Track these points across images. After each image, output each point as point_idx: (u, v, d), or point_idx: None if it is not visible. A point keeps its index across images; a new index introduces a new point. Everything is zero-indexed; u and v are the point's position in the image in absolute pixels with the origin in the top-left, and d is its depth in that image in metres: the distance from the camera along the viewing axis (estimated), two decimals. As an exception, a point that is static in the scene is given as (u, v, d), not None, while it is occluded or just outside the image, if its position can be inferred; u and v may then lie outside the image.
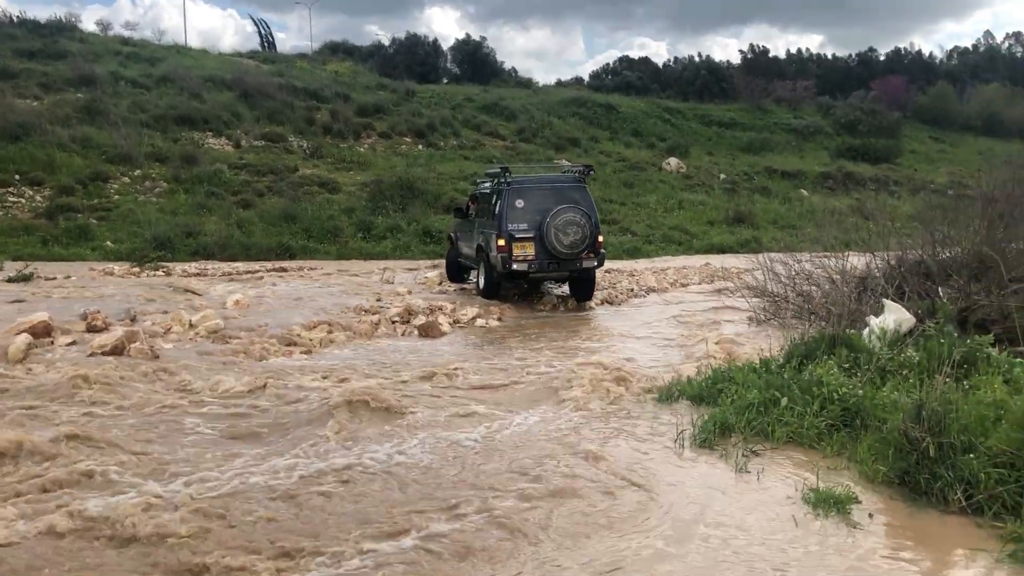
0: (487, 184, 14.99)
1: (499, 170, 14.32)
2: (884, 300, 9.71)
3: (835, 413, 6.63)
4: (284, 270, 18.31)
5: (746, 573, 4.57)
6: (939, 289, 10.31)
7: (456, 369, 9.25)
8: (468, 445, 6.65)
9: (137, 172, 25.35)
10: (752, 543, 4.93)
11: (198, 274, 17.07)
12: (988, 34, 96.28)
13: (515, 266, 13.40)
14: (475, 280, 16.11)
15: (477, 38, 70.16)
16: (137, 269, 17.23)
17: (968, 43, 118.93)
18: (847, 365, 7.50)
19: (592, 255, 13.74)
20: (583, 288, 14.49)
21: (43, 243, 19.59)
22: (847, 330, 8.82)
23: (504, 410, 7.69)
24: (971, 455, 5.37)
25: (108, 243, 20.22)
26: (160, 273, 16.93)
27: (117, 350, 9.56)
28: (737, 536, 5.02)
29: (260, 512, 5.13)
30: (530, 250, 13.42)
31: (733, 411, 6.93)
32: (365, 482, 5.76)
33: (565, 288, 15.11)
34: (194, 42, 56.05)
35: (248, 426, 6.94)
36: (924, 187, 37.85)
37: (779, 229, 28.67)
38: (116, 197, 23.48)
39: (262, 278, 16.64)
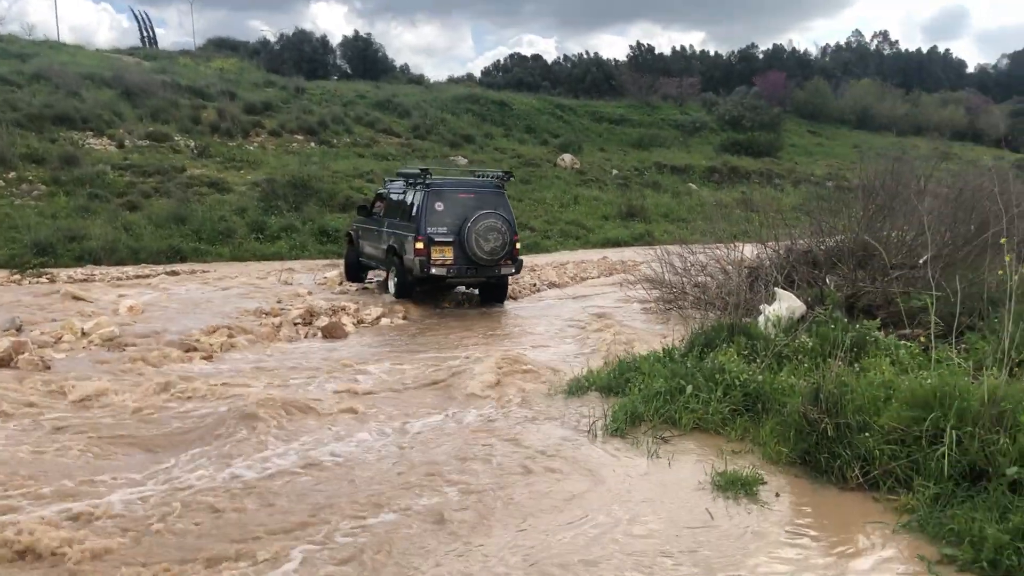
0: (399, 184, 14.73)
1: (416, 171, 14.05)
2: (776, 289, 10.16)
3: (737, 399, 6.92)
4: (176, 273, 17.72)
5: (665, 551, 4.74)
6: (826, 277, 10.84)
7: (365, 368, 9.21)
8: (393, 443, 6.67)
9: (12, 174, 24.02)
10: (668, 525, 5.11)
11: (85, 280, 16.33)
12: (858, 32, 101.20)
13: (433, 270, 13.17)
14: (377, 280, 15.98)
15: (364, 34, 69.40)
16: (18, 276, 16.37)
17: (841, 39, 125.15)
18: (746, 352, 7.82)
19: (510, 262, 13.68)
20: (496, 293, 14.47)
21: (-90, 252, 18.39)
22: (743, 319, 9.20)
23: (418, 408, 7.71)
24: (866, 434, 5.70)
25: (-18, 250, 19.12)
26: (44, 280, 16.13)
27: (3, 362, 9.13)
28: (654, 519, 5.20)
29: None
30: (449, 254, 13.21)
31: (641, 400, 7.15)
32: (320, 475, 5.88)
33: (473, 289, 15.04)
34: (66, 37, 53.51)
35: (156, 435, 6.76)
36: (805, 179, 39.49)
37: (670, 223, 29.49)
38: (-10, 201, 22.22)
39: (153, 283, 16.06)
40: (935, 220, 10.02)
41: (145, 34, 62.09)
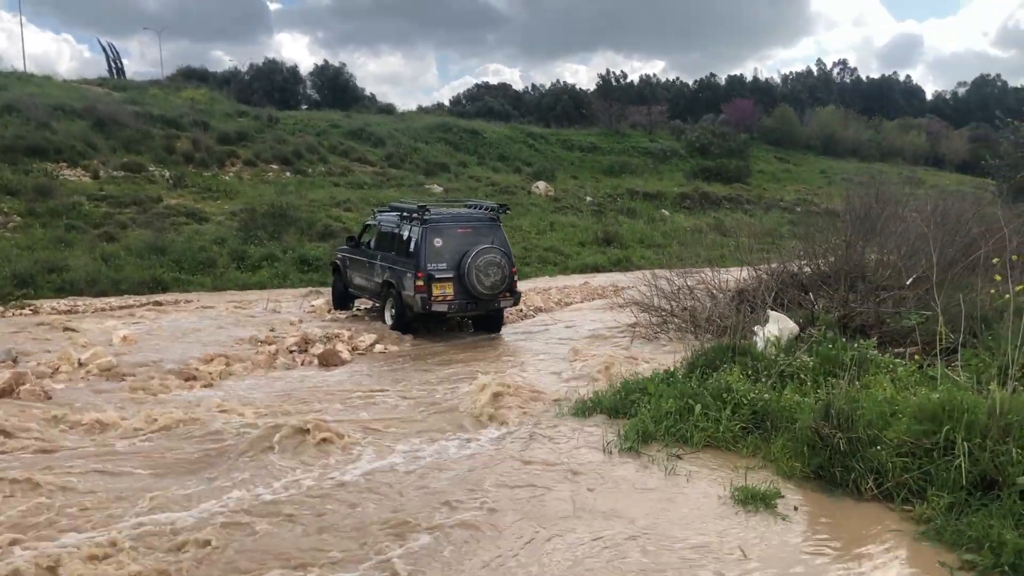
0: (391, 216, 14.67)
1: (413, 206, 14.03)
2: (768, 311, 10.41)
3: (746, 417, 7.11)
4: (160, 304, 17.61)
5: (698, 565, 4.90)
6: (814, 299, 11.11)
7: (369, 395, 9.29)
8: (420, 465, 6.78)
9: (-14, 206, 23.82)
10: (695, 538, 5.27)
11: (69, 311, 16.23)
12: (820, 61, 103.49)
13: (435, 307, 13.11)
14: (365, 308, 16.03)
15: (331, 64, 69.56)
16: (1, 309, 16.22)
17: (799, 68, 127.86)
18: (750, 372, 8.03)
19: (509, 295, 13.73)
20: (492, 323, 14.47)
21: None
22: (738, 340, 9.42)
23: (433, 433, 7.82)
24: (878, 447, 5.91)
25: (-40, 282, 18.91)
26: (27, 312, 16.00)
27: (5, 393, 9.09)
28: (680, 533, 5.35)
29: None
30: (449, 290, 13.16)
31: (652, 420, 7.31)
32: (360, 497, 6.06)
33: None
34: (12, 68, 52.86)
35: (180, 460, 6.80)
36: (775, 205, 40.20)
37: (646, 248, 29.85)
38: (-36, 234, 22.00)
39: (139, 313, 15.99)
40: (920, 242, 10.34)
41: (113, 64, 61.88)
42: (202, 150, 33.19)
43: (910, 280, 10.09)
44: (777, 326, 9.79)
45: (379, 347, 12.71)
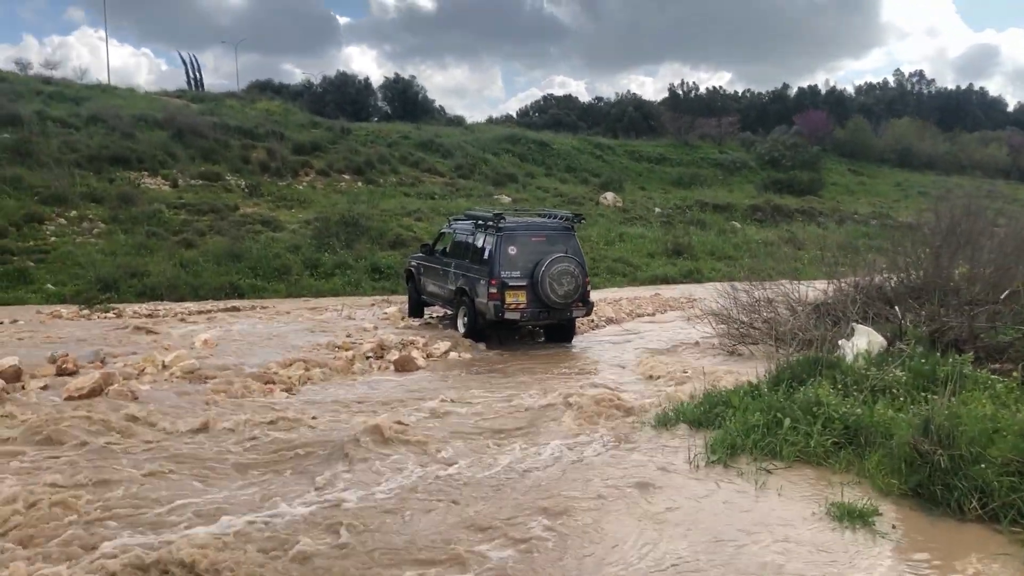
0: (466, 224, 14.77)
1: (488, 214, 14.10)
2: (854, 324, 10.15)
3: (838, 431, 6.90)
4: (237, 309, 17.98)
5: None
6: (899, 312, 10.76)
7: (451, 402, 9.31)
8: (510, 471, 6.77)
9: (73, 213, 24.64)
10: (797, 555, 5.11)
11: (150, 315, 16.65)
12: (898, 71, 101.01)
13: (507, 315, 13.11)
14: (438, 316, 16.12)
15: (402, 76, 70.44)
16: (87, 312, 16.73)
17: (872, 79, 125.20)
18: (838, 386, 7.81)
19: (582, 304, 13.67)
20: (564, 333, 14.40)
21: (-21, 288, 18.89)
22: (823, 354, 9.17)
23: (515, 439, 7.79)
24: (982, 465, 5.67)
25: (49, 286, 19.57)
26: (111, 315, 16.46)
27: (95, 392, 9.34)
28: (779, 549, 5.20)
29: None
30: (522, 298, 13.13)
31: (739, 432, 7.15)
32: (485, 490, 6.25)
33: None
34: (97, 80, 54.64)
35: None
36: (849, 218, 39.32)
37: (717, 260, 29.44)
38: (53, 239, 22.76)
39: (217, 318, 16.33)
40: (1014, 256, 9.98)
41: (192, 77, 63.69)
42: (277, 160, 33.89)
43: (1005, 294, 9.72)
44: (863, 340, 9.54)
45: (453, 354, 12.74)
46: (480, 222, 14.13)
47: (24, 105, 34.16)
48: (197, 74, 61.39)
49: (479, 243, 13.89)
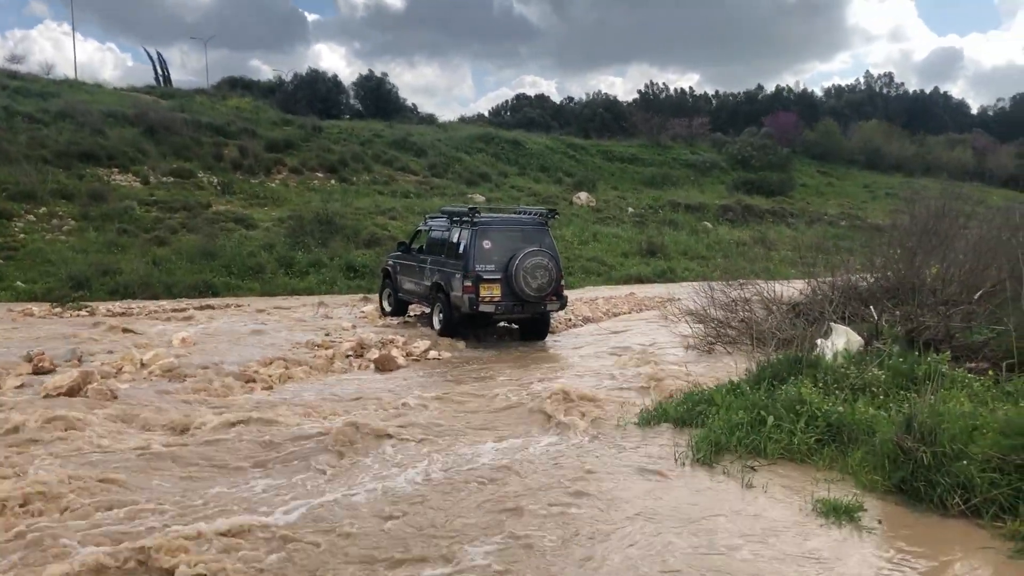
0: (441, 221, 14.91)
1: (463, 209, 14.28)
2: (831, 323, 10.29)
3: (820, 429, 7.01)
4: (211, 307, 17.83)
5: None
6: (874, 311, 10.93)
7: (433, 400, 9.31)
8: (493, 468, 6.79)
9: (42, 210, 24.29)
10: (785, 551, 5.19)
11: (124, 313, 16.47)
12: (868, 74, 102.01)
13: (482, 308, 13.27)
14: (415, 314, 16.12)
15: (374, 74, 70.15)
16: (59, 310, 16.51)
17: (837, 82, 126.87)
18: (819, 385, 7.92)
19: (555, 298, 13.84)
20: (538, 328, 14.55)
21: (-53, 285, 18.57)
22: (801, 352, 9.29)
23: (497, 437, 7.81)
24: (964, 462, 5.78)
25: (19, 283, 19.27)
26: (84, 313, 16.26)
27: (73, 391, 9.23)
28: (768, 545, 5.28)
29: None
30: (496, 292, 13.31)
31: (723, 431, 7.23)
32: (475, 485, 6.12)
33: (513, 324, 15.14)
34: (65, 75, 53.83)
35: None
36: (819, 218, 39.77)
37: (690, 260, 29.68)
38: (22, 236, 22.42)
39: (193, 316, 16.18)
40: (988, 256, 10.17)
41: (159, 73, 62.98)
42: (249, 157, 33.61)
43: (979, 294, 9.91)
44: (841, 339, 9.67)
45: (433, 353, 12.75)
46: (455, 217, 14.28)
47: (-10, 100, 33.64)
48: (164, 70, 60.69)
49: (454, 238, 14.03)
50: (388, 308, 16.45)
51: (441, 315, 14.16)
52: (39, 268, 20.37)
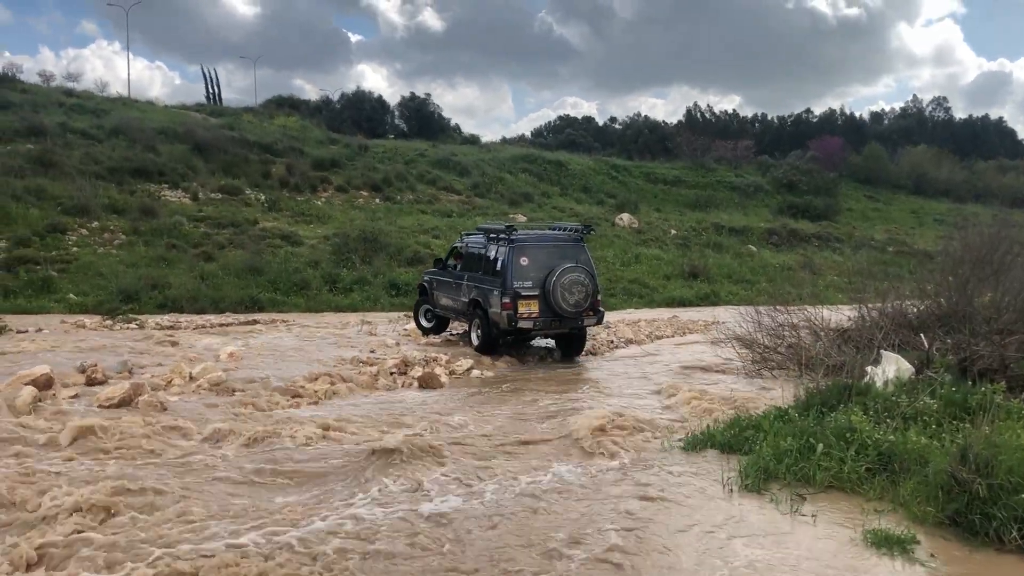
0: (478, 238, 15.06)
1: (500, 226, 14.46)
2: (882, 351, 10.14)
3: (871, 458, 6.89)
4: (257, 322, 18.08)
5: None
6: (924, 339, 10.75)
7: (476, 420, 9.33)
8: (538, 495, 6.77)
9: (95, 224, 24.87)
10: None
11: (172, 327, 16.75)
12: (916, 99, 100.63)
13: (521, 324, 13.41)
14: (455, 333, 16.19)
15: (418, 95, 70.98)
16: (110, 322, 16.85)
17: (882, 105, 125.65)
18: (870, 413, 7.80)
19: (592, 313, 13.91)
20: (575, 344, 14.67)
21: (4, 296, 19.03)
22: (851, 380, 9.16)
23: (543, 460, 7.79)
24: (1022, 495, 5.65)
25: (72, 295, 19.72)
26: (133, 326, 16.58)
27: (125, 402, 9.42)
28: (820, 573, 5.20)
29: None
30: (534, 308, 13.44)
31: (770, 457, 7.14)
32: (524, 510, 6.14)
33: (550, 340, 15.20)
34: (118, 93, 55.09)
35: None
36: (865, 244, 39.23)
37: (734, 283, 29.41)
38: (75, 249, 22.96)
39: (238, 331, 16.41)
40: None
41: (211, 91, 64.39)
42: (296, 175, 34.16)
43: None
44: (892, 367, 9.52)
45: (476, 372, 12.79)
46: (492, 235, 14.44)
47: (47, 117, 34.57)
48: (216, 88, 62.06)
49: (491, 255, 14.17)
50: (426, 324, 16.55)
51: (479, 332, 14.27)
52: (91, 281, 20.82)
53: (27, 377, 9.62)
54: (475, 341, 14.44)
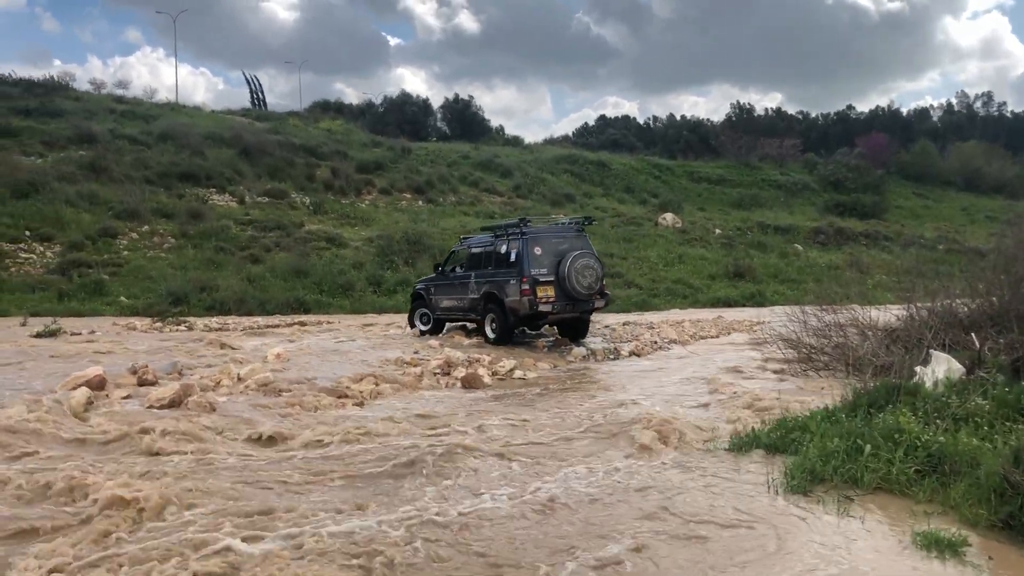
0: (481, 237, 16.22)
1: (512, 222, 15.54)
2: (932, 351, 9.96)
3: (921, 459, 6.77)
4: (303, 324, 18.35)
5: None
6: (975, 339, 10.54)
7: (523, 420, 9.35)
8: (583, 491, 6.76)
9: (145, 228, 25.44)
10: (886, 585, 5.04)
11: (220, 329, 17.08)
12: (962, 93, 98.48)
13: (541, 307, 14.38)
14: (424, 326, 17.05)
15: (460, 97, 71.25)
16: (160, 324, 17.22)
17: (928, 101, 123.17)
18: (919, 413, 7.67)
19: (600, 296, 15.04)
20: (580, 329, 15.90)
21: (59, 298, 19.55)
22: (900, 380, 9.02)
23: (585, 459, 7.79)
24: (1079, 499, 5.52)
25: (122, 298, 20.21)
26: (182, 328, 16.92)
27: (175, 403, 9.59)
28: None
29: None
30: (551, 292, 14.50)
31: (817, 458, 7.06)
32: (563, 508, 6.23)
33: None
34: (166, 99, 56.17)
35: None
36: (914, 242, 38.58)
37: (780, 283, 29.11)
38: (126, 252, 23.52)
39: (286, 332, 16.66)
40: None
41: (256, 96, 65.31)
42: (341, 178, 34.60)
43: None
44: (942, 367, 9.35)
45: (518, 373, 12.85)
46: (500, 231, 15.53)
47: (98, 123, 35.39)
48: (260, 93, 62.93)
49: (502, 250, 15.11)
50: (423, 328, 17.29)
51: (494, 324, 15.16)
52: (141, 284, 21.31)
53: (81, 378, 9.87)
54: (490, 334, 15.32)
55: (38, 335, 14.77)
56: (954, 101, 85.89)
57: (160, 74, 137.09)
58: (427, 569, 5.20)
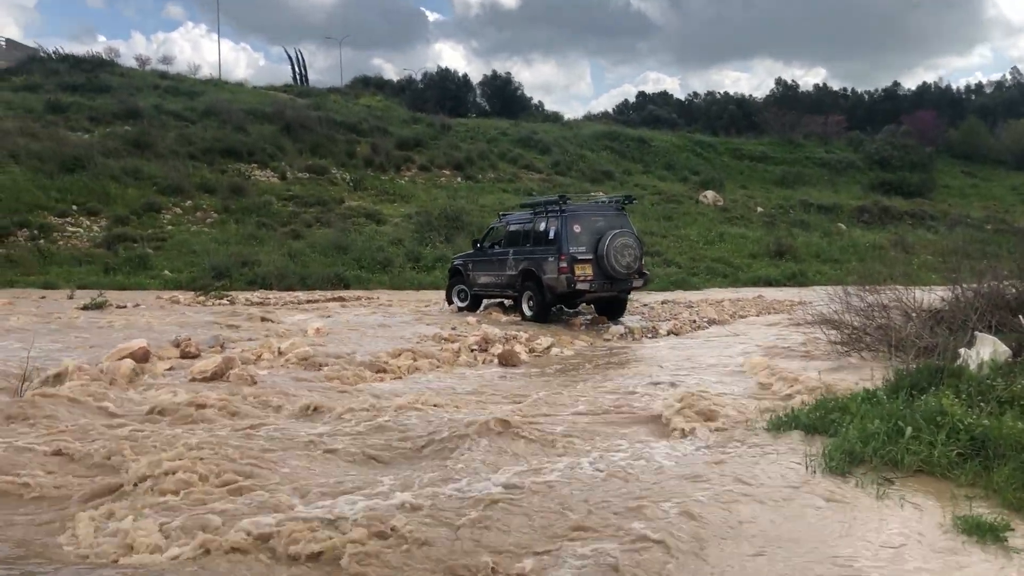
0: (521, 214, 16.23)
1: (551, 199, 15.55)
2: (976, 333, 9.78)
3: (963, 442, 6.67)
4: (343, 299, 18.54)
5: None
6: (1023, 321, 10.34)
7: (555, 395, 9.37)
8: (627, 467, 6.77)
9: (188, 203, 25.80)
10: (927, 568, 4.99)
11: (261, 303, 17.31)
12: (1016, 70, 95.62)
13: (578, 285, 14.43)
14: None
15: (499, 73, 70.92)
16: (203, 298, 17.50)
17: (979, 77, 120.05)
18: (963, 396, 7.54)
19: (638, 276, 15.10)
20: (617, 308, 15.92)
21: (104, 272, 19.95)
22: (943, 362, 8.88)
23: (624, 438, 7.79)
24: (1126, 484, 5.40)
25: (166, 272, 20.57)
26: (225, 302, 17.18)
27: (217, 376, 9.76)
28: (909, 560, 5.08)
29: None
30: (589, 271, 14.56)
31: (857, 440, 6.98)
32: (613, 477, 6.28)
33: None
34: (208, 74, 56.68)
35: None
36: (961, 222, 37.81)
37: (822, 263, 28.73)
38: (169, 227, 23.90)
39: (326, 307, 16.84)
40: None
41: (298, 72, 65.61)
42: (381, 155, 34.73)
43: None
44: (987, 349, 9.18)
45: (555, 350, 12.87)
46: (539, 209, 15.51)
47: (143, 99, 35.86)
48: (303, 69, 63.20)
49: (541, 227, 15.13)
50: (460, 304, 17.32)
51: (531, 302, 15.19)
52: (184, 258, 21.65)
53: (126, 350, 10.08)
54: (527, 311, 15.34)
55: (85, 307, 15.13)
56: (1008, 77, 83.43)
57: (202, 49, 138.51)
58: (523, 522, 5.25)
